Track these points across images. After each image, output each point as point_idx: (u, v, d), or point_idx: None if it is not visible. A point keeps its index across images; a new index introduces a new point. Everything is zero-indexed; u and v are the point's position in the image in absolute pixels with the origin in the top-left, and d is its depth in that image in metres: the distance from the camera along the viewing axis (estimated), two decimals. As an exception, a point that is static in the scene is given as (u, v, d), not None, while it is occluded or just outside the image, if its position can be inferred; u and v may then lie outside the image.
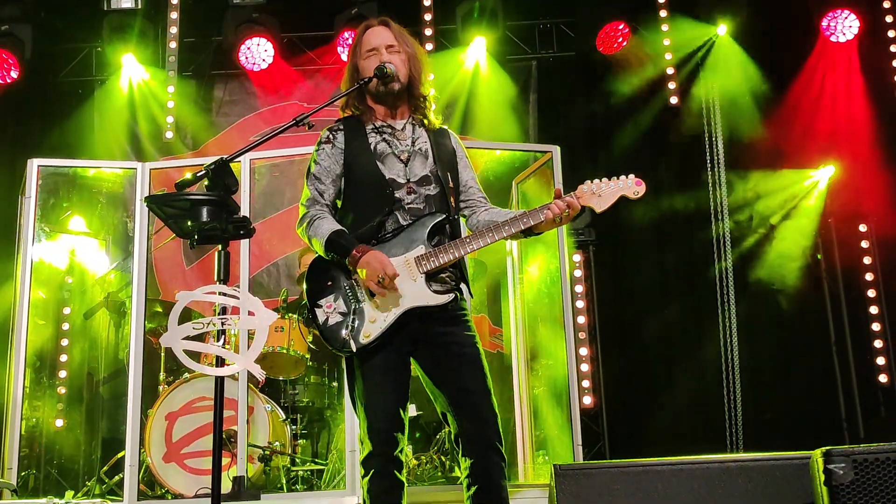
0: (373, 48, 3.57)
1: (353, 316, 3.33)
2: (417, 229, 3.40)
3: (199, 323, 3.08)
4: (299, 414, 6.38)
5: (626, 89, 7.90)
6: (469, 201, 3.65)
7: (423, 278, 3.34)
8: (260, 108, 8.38)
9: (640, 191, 3.41)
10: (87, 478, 6.70)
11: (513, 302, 6.54)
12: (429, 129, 3.63)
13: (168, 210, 3.11)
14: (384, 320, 3.30)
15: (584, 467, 3.75)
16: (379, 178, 3.46)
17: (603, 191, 3.40)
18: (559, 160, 6.17)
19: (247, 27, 7.83)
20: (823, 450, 3.11)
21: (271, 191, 7.70)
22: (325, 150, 3.56)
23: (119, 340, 7.14)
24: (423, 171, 3.51)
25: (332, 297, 3.38)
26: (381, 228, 3.42)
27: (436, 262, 3.34)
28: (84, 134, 8.14)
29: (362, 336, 3.30)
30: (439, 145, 3.60)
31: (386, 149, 3.53)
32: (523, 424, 6.25)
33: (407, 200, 3.45)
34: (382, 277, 3.25)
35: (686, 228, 7.81)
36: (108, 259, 7.49)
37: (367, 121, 3.60)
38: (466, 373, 3.35)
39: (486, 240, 3.39)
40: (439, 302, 3.35)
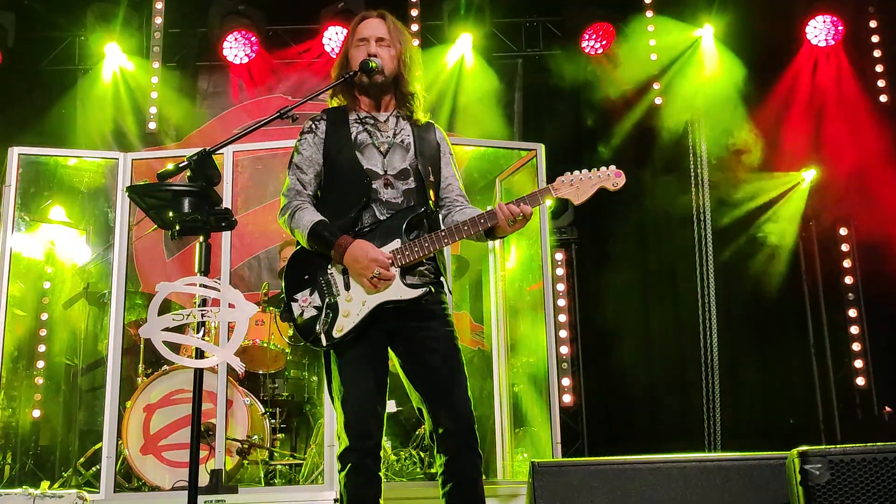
0: (363, 38, 3.57)
1: (327, 310, 3.32)
2: (394, 223, 3.38)
3: (179, 314, 3.06)
4: (278, 408, 6.37)
5: (612, 88, 7.93)
6: (447, 199, 3.64)
7: (397, 272, 3.32)
8: (244, 100, 8.35)
9: (620, 182, 3.38)
10: (63, 469, 6.66)
11: (494, 299, 6.55)
12: (414, 123, 3.61)
13: (150, 201, 3.10)
14: (357, 315, 3.29)
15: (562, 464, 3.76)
16: (357, 167, 3.45)
17: (581, 182, 3.38)
18: (543, 158, 6.18)
19: (232, 19, 7.79)
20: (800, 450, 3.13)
21: (254, 183, 7.68)
22: (307, 139, 3.55)
23: (98, 331, 7.11)
24: (403, 164, 3.50)
25: (308, 291, 3.37)
26: (358, 221, 3.40)
27: (411, 256, 3.33)
28: (66, 123, 8.09)
29: (335, 330, 3.29)
30: (423, 139, 3.59)
31: (366, 139, 3.52)
32: (503, 421, 6.26)
33: (384, 194, 3.44)
34: (377, 273, 3.26)
35: (668, 228, 7.85)
36: (88, 249, 7.45)
37: (351, 111, 3.59)
38: (441, 369, 3.34)
39: (454, 236, 3.37)
40: (412, 296, 3.32)
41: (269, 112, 3.52)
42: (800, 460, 3.09)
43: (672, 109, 7.85)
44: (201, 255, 3.10)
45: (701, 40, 7.91)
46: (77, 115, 8.17)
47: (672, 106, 7.86)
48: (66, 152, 7.27)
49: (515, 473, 6.15)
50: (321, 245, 3.36)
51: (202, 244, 3.11)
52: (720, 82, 7.80)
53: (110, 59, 8.01)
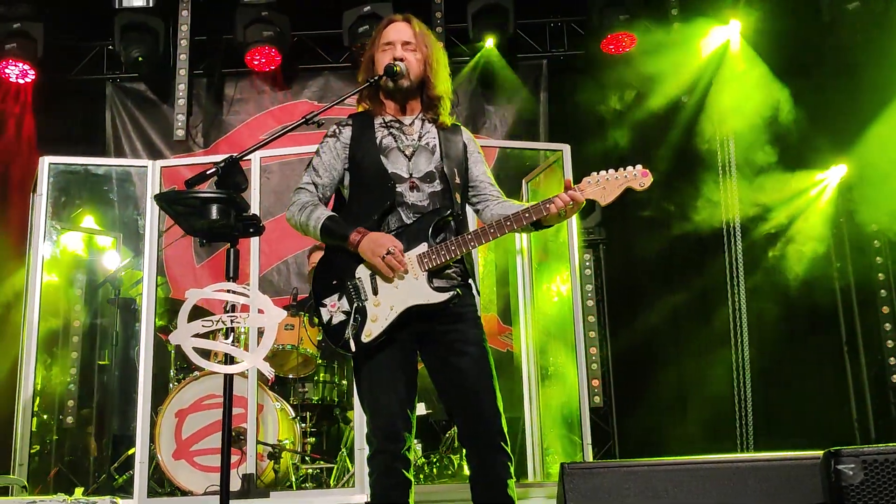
0: (389, 42, 3.56)
1: (356, 315, 3.32)
2: (421, 227, 3.37)
3: (209, 321, 3.08)
4: (309, 412, 6.39)
5: (638, 87, 7.89)
6: (481, 196, 3.62)
7: (424, 276, 3.31)
8: (270, 106, 8.39)
9: (647, 182, 3.36)
10: (97, 475, 6.73)
11: (522, 300, 6.54)
12: (439, 126, 3.60)
13: (178, 208, 3.12)
14: (385, 319, 3.28)
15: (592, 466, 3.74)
16: (381, 171, 3.44)
17: (608, 182, 3.36)
18: (569, 159, 6.17)
19: (257, 25, 7.83)
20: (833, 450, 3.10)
21: (281, 189, 7.71)
22: (328, 143, 3.56)
23: (130, 338, 7.17)
24: (428, 166, 3.49)
25: (337, 296, 3.37)
26: (383, 225, 3.40)
27: (438, 260, 3.32)
28: (95, 131, 8.17)
29: (364, 335, 3.28)
30: (448, 141, 3.57)
31: (391, 143, 3.51)
32: (533, 423, 6.25)
33: (410, 197, 3.43)
34: (391, 249, 3.25)
35: (696, 227, 7.79)
36: (119, 257, 7.52)
37: (377, 115, 3.59)
38: (470, 372, 3.32)
39: (489, 236, 3.35)
40: (439, 300, 3.31)
41: (296, 117, 3.54)
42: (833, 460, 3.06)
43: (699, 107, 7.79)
44: (230, 261, 3.12)
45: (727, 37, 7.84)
46: (106, 123, 8.26)
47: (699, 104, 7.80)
48: (95, 161, 7.35)
49: (546, 475, 6.13)
50: (335, 238, 3.37)
51: (231, 250, 3.13)
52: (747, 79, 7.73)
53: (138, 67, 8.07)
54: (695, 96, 7.81)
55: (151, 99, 8.24)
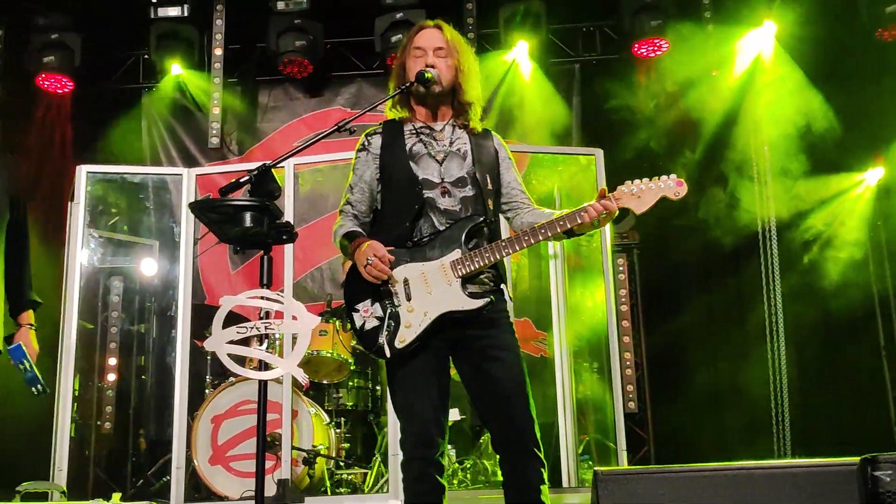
0: (421, 48, 3.56)
1: (389, 321, 3.32)
2: (454, 233, 3.37)
3: (243, 327, 3.10)
4: (343, 417, 6.42)
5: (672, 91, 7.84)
6: (512, 203, 3.61)
7: (458, 282, 3.31)
8: (303, 113, 8.45)
9: (681, 192, 3.34)
10: (135, 480, 6.79)
11: (556, 305, 6.52)
12: (470, 132, 3.60)
13: (212, 216, 3.14)
14: (419, 325, 3.28)
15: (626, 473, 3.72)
16: (411, 177, 3.45)
17: (643, 191, 3.34)
18: (602, 163, 6.15)
19: (290, 34, 7.88)
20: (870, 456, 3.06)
21: (315, 196, 7.75)
22: (360, 157, 3.58)
23: (166, 344, 7.24)
24: (460, 172, 3.49)
25: (369, 301, 3.37)
26: (414, 230, 3.41)
27: (471, 266, 3.32)
28: (132, 140, 8.26)
29: (397, 341, 3.29)
30: (480, 147, 3.57)
31: (421, 149, 3.52)
32: (567, 428, 6.22)
33: (441, 202, 3.43)
34: (371, 259, 3.26)
35: (732, 230, 7.71)
36: (155, 264, 7.60)
37: (408, 122, 3.60)
38: (502, 378, 3.31)
39: (522, 243, 3.35)
40: (473, 307, 3.30)
41: (329, 124, 3.56)
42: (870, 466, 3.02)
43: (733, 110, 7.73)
44: (264, 268, 3.14)
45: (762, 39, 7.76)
46: (142, 132, 8.35)
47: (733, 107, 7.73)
48: (131, 169, 7.43)
49: (581, 481, 6.11)
50: (347, 252, 3.42)
51: (264, 257, 3.15)
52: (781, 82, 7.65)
53: (173, 76, 8.17)
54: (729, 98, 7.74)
55: (186, 107, 8.32)
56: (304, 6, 7.92)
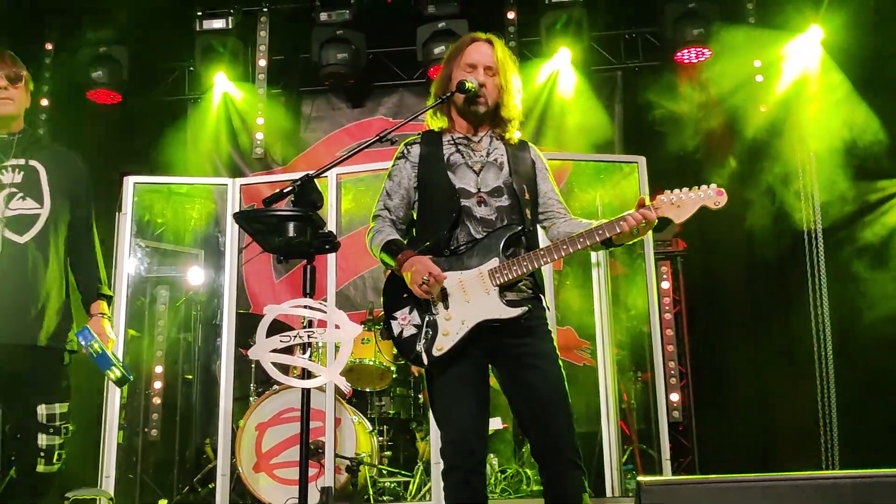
0: (472, 64, 3.56)
1: (427, 328, 3.33)
2: (492, 242, 3.38)
3: (287, 336, 3.13)
4: (386, 425, 6.44)
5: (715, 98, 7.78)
6: (549, 213, 3.62)
7: (496, 291, 3.32)
8: (346, 123, 8.50)
9: (721, 201, 3.32)
10: (180, 486, 6.86)
11: (599, 313, 6.48)
12: (507, 142, 3.62)
13: (256, 226, 3.18)
14: (457, 333, 3.29)
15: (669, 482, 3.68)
16: (448, 187, 3.47)
17: (682, 201, 3.33)
18: (645, 171, 6.11)
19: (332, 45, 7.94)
20: (920, 467, 3.01)
21: (357, 205, 7.80)
22: (398, 165, 3.59)
23: (211, 352, 7.32)
24: (497, 182, 3.50)
25: (408, 309, 3.39)
26: (451, 239, 3.42)
27: (509, 275, 3.32)
28: (178, 151, 8.37)
29: (435, 349, 3.30)
30: (517, 157, 3.59)
31: (459, 159, 3.54)
32: (610, 438, 6.18)
33: (478, 211, 3.45)
34: (427, 279, 3.26)
35: (777, 237, 7.63)
36: (201, 273, 7.69)
37: (446, 132, 3.62)
38: (540, 386, 3.31)
39: (561, 252, 3.35)
40: (511, 315, 3.31)
41: (371, 134, 3.59)
42: (920, 478, 2.97)
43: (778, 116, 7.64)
44: (307, 277, 3.17)
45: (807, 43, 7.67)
46: (188, 143, 8.46)
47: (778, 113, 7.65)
48: (177, 180, 7.53)
49: (625, 491, 6.06)
50: (389, 261, 3.41)
51: (307, 267, 3.18)
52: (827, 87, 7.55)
53: (218, 88, 8.27)
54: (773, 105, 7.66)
55: (231, 118, 8.41)
56: (346, 17, 7.98)
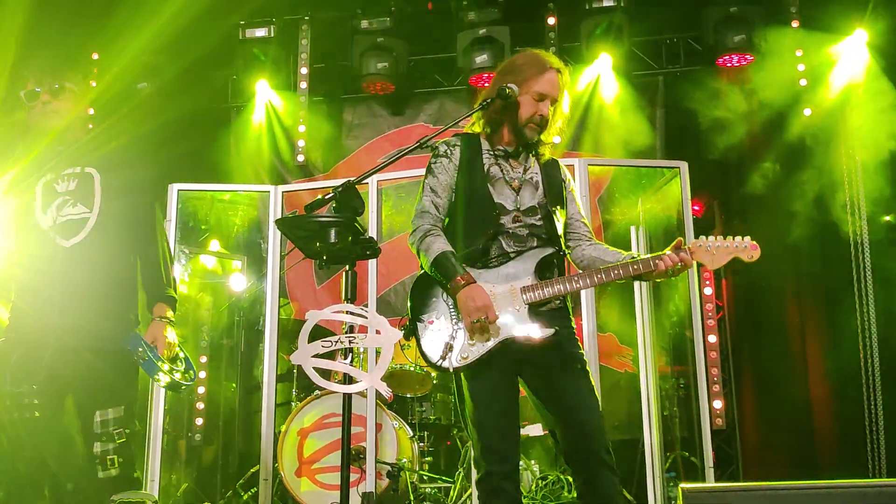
0: (543, 96, 3.53)
1: (453, 336, 3.36)
2: (527, 260, 3.42)
3: (328, 341, 3.14)
4: (426, 431, 6.45)
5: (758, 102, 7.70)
6: (574, 234, 3.65)
7: (526, 309, 3.35)
8: (387, 130, 8.54)
9: (755, 255, 3.49)
10: (224, 490, 6.93)
11: (640, 320, 6.45)
12: (540, 160, 3.65)
13: (298, 232, 3.20)
14: (483, 346, 3.32)
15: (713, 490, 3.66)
16: (488, 201, 3.49)
17: (717, 249, 3.45)
18: (687, 176, 6.07)
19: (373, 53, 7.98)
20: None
21: (397, 211, 7.83)
22: (442, 163, 3.59)
23: (254, 358, 7.38)
24: (532, 201, 3.53)
25: (435, 313, 3.42)
26: (486, 253, 3.44)
27: (541, 295, 3.36)
28: (221, 158, 8.46)
29: (459, 357, 3.32)
30: (550, 177, 3.62)
31: (498, 173, 3.55)
32: (652, 445, 6.14)
33: (512, 228, 3.47)
34: (483, 319, 3.27)
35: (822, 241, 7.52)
36: (243, 279, 7.76)
37: (485, 140, 3.63)
38: (570, 389, 3.35)
39: (595, 280, 3.40)
40: (537, 336, 3.33)
41: (412, 140, 3.60)
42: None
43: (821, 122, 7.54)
44: (348, 283, 3.19)
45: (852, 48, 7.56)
46: (231, 151, 8.54)
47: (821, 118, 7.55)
48: (221, 187, 7.60)
49: (667, 499, 6.02)
50: (442, 274, 3.38)
51: (348, 272, 3.20)
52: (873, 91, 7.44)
53: (261, 96, 8.35)
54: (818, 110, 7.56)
55: (273, 126, 8.48)
56: (387, 24, 8.02)
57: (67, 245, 3.93)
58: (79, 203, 3.98)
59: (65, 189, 4.02)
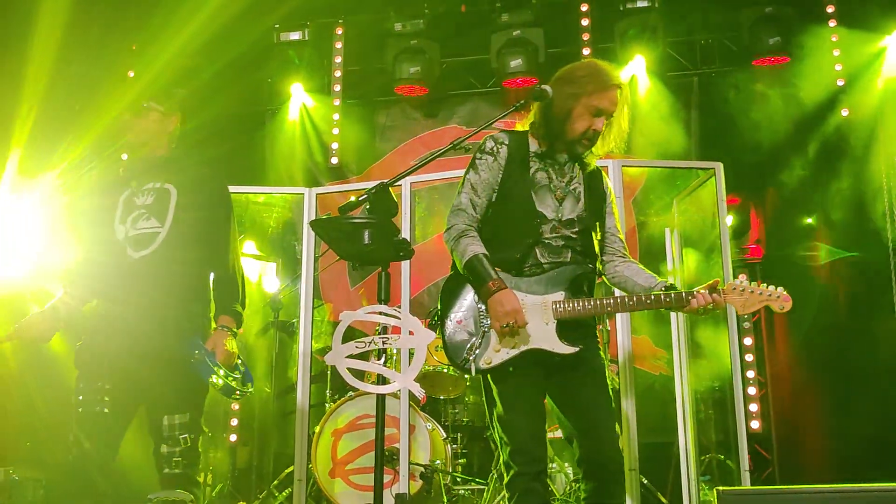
0: (601, 111, 3.47)
1: (479, 339, 3.38)
2: (561, 274, 3.42)
3: (362, 342, 3.16)
4: (459, 433, 6.44)
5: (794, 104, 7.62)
6: (608, 248, 3.65)
7: (554, 324, 3.36)
8: (420, 132, 8.55)
9: (787, 306, 3.44)
10: (258, 491, 6.96)
11: (675, 323, 6.41)
12: (585, 169, 3.62)
13: (332, 233, 3.21)
14: (507, 352, 3.34)
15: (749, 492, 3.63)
16: (530, 208, 3.48)
17: (751, 295, 3.44)
18: (722, 177, 6.02)
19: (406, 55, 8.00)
20: None
21: (431, 213, 7.83)
22: (486, 161, 3.55)
23: (288, 359, 7.41)
24: (572, 213, 3.52)
25: (464, 313, 3.45)
26: (523, 261, 3.45)
27: (571, 312, 3.37)
28: (256, 161, 8.52)
29: (483, 360, 3.35)
30: (592, 189, 3.60)
31: (543, 179, 3.53)
32: (687, 448, 6.10)
33: (549, 238, 3.47)
34: (511, 324, 3.29)
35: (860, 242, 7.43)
36: (278, 280, 7.80)
37: (533, 142, 3.61)
38: (590, 400, 3.38)
39: (627, 307, 3.42)
40: (564, 352, 3.35)
41: (445, 142, 3.60)
42: None
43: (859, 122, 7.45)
44: (381, 284, 3.20)
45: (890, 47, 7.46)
46: (266, 153, 8.60)
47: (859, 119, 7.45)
48: (256, 189, 7.64)
49: (702, 502, 5.97)
50: (475, 277, 3.40)
51: (382, 274, 3.21)
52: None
53: (295, 99, 8.40)
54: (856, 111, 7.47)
55: (307, 128, 8.52)
56: (420, 26, 8.04)
57: (136, 257, 4.07)
58: (152, 217, 4.12)
59: (142, 203, 4.17)
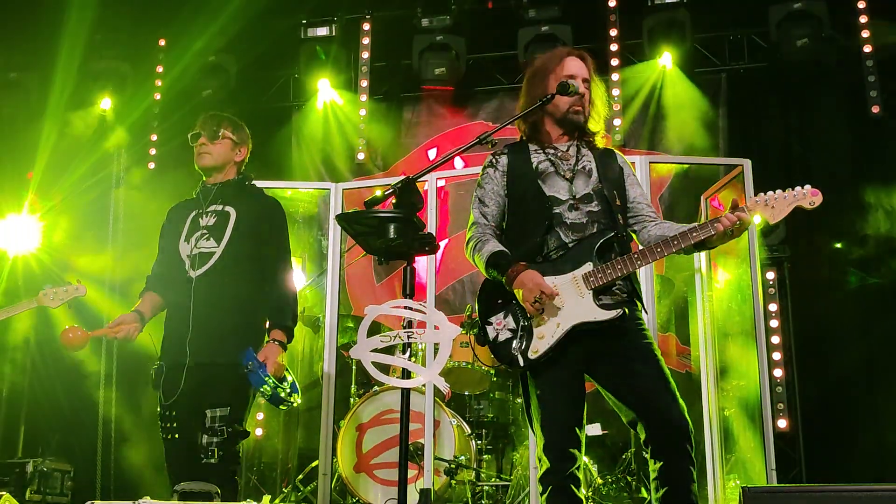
0: (572, 75, 3.63)
1: (522, 332, 3.38)
2: (585, 247, 3.41)
3: (387, 336, 3.16)
4: (484, 429, 6.44)
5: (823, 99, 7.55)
6: (639, 217, 3.63)
7: (590, 294, 3.34)
8: (446, 128, 8.55)
9: (816, 201, 3.32)
10: (283, 485, 7.00)
11: (702, 320, 6.37)
12: (594, 149, 3.66)
13: (357, 227, 3.22)
14: (552, 336, 3.32)
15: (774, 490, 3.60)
16: (539, 195, 3.52)
17: (777, 202, 3.33)
18: (750, 174, 5.97)
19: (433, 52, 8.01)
20: None
21: (456, 209, 7.83)
22: (488, 173, 3.67)
23: (314, 353, 7.44)
24: (586, 188, 3.54)
25: (503, 314, 3.45)
26: (543, 246, 3.46)
27: (603, 279, 3.34)
28: (282, 156, 8.55)
29: (530, 352, 3.33)
30: (605, 164, 3.62)
31: (548, 167, 3.58)
32: (713, 447, 6.06)
33: (568, 217, 3.47)
34: (539, 297, 3.28)
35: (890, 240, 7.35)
36: (304, 276, 7.83)
37: (533, 141, 3.68)
38: (648, 377, 3.32)
39: (656, 255, 3.37)
40: (606, 317, 3.32)
41: (471, 138, 3.61)
42: None
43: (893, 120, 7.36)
44: (406, 278, 3.20)
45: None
46: (292, 149, 8.64)
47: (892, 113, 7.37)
48: (282, 184, 7.65)
49: (727, 500, 5.94)
50: (498, 272, 3.44)
51: (407, 268, 3.21)
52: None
53: (322, 95, 8.43)
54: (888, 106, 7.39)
55: (334, 124, 8.55)
56: (447, 22, 8.05)
57: (194, 275, 4.29)
58: (212, 238, 4.35)
59: (205, 223, 4.40)
